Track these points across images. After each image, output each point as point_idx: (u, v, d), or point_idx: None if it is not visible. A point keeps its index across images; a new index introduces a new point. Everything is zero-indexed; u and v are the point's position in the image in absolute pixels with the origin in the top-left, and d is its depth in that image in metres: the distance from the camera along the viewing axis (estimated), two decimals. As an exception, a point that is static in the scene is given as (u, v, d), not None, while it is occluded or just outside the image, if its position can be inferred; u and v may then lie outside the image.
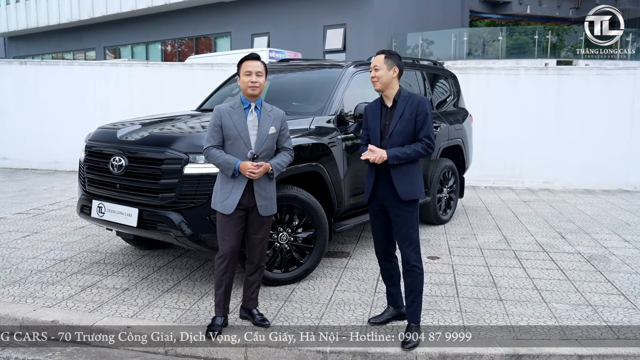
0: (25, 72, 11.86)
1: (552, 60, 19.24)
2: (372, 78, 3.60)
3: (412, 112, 3.55)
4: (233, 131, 3.55)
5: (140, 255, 5.42)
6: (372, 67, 3.60)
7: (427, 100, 3.62)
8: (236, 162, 3.50)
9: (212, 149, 3.56)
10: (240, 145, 3.55)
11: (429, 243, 6.00)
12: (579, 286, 4.70)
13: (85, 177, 4.70)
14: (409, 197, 3.55)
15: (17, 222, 6.73)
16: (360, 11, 20.19)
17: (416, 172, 3.62)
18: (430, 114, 3.59)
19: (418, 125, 3.55)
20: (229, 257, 3.60)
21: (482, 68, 11.16)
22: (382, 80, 3.56)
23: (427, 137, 3.55)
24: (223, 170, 3.57)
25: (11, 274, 4.78)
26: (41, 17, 31.19)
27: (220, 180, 3.62)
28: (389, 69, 3.56)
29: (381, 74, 3.55)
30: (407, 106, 3.56)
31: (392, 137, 3.56)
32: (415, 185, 3.59)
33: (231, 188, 3.56)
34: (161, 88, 11.19)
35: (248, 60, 3.63)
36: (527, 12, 29.29)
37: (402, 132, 3.55)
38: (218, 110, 3.61)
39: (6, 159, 11.80)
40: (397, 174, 3.55)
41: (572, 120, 10.18)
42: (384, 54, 3.60)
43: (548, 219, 7.44)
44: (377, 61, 3.58)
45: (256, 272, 3.80)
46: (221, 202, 3.57)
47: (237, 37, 23.71)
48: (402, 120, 3.55)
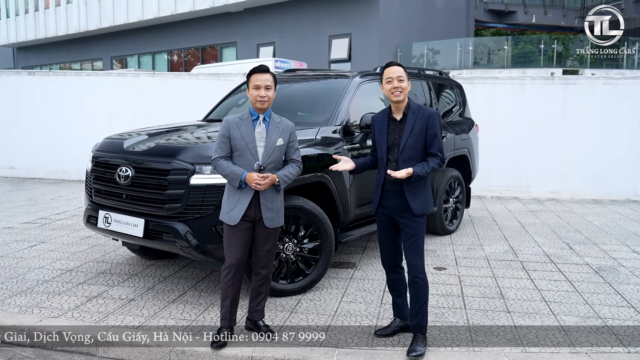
0: (33, 82, 11.95)
1: (558, 69, 19.23)
2: (396, 89, 3.51)
3: (422, 126, 3.52)
4: (241, 142, 3.55)
5: (146, 265, 5.42)
6: (395, 78, 3.51)
7: (437, 114, 3.60)
8: (242, 174, 3.50)
9: (219, 160, 3.57)
10: (248, 157, 3.55)
11: (435, 254, 5.97)
12: (588, 298, 4.65)
13: (92, 187, 4.71)
14: (421, 211, 3.56)
15: (24, 231, 6.74)
16: (365, 21, 20.27)
17: (427, 187, 3.63)
18: (440, 127, 3.57)
19: (429, 140, 3.53)
20: (235, 268, 3.59)
21: (487, 77, 11.15)
22: (407, 91, 3.55)
23: (440, 151, 3.56)
24: (230, 182, 3.57)
25: (18, 283, 4.78)
26: (49, 27, 31.50)
27: (227, 191, 3.63)
28: (408, 80, 3.57)
29: (405, 86, 3.53)
30: (417, 120, 3.54)
31: (404, 152, 3.53)
32: (428, 199, 3.60)
33: (237, 199, 3.56)
34: (167, 98, 11.23)
35: (257, 73, 3.60)
36: (532, 22, 29.33)
37: (414, 146, 3.53)
38: (227, 122, 3.62)
39: (14, 169, 11.86)
40: (410, 189, 3.54)
41: (578, 129, 10.14)
42: (400, 65, 3.58)
43: (555, 229, 7.39)
44: (400, 72, 3.53)
45: (263, 284, 3.79)
46: (227, 213, 3.58)
47: (242, 47, 23.84)
48: (412, 134, 3.52)
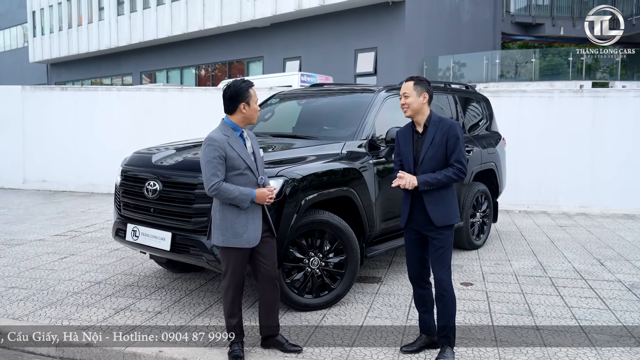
0: (65, 97, 12.26)
1: (587, 82, 18.93)
2: (403, 105, 3.61)
3: (442, 137, 3.54)
4: (239, 161, 3.43)
5: (172, 278, 5.47)
6: (401, 95, 3.60)
7: (457, 125, 3.61)
8: (252, 192, 3.41)
9: (222, 184, 3.38)
10: (249, 174, 3.47)
11: (462, 269, 5.89)
12: (621, 316, 4.53)
13: (121, 200, 4.79)
14: (442, 222, 3.54)
15: (55, 243, 6.89)
16: (391, 34, 20.30)
17: (450, 197, 3.60)
18: (461, 138, 3.57)
19: (449, 150, 3.54)
20: (240, 285, 3.58)
21: (515, 91, 11.04)
22: (413, 107, 3.58)
23: (458, 161, 3.53)
24: (238, 204, 3.41)
25: (48, 295, 4.88)
26: (82, 44, 32.40)
27: (227, 214, 3.46)
28: (419, 95, 3.57)
29: (411, 101, 3.57)
30: (437, 131, 3.55)
31: (423, 164, 3.55)
32: (449, 210, 3.57)
33: (246, 220, 3.45)
34: (195, 112, 11.38)
35: (253, 87, 3.53)
36: (560, 34, 28.94)
37: (434, 157, 3.54)
38: (218, 142, 3.40)
39: (46, 182, 12.15)
40: (429, 199, 3.55)
41: (609, 142, 9.94)
42: (413, 80, 3.61)
43: (586, 244, 7.24)
44: (406, 88, 3.59)
45: (276, 289, 3.68)
46: (239, 237, 3.44)
47: (269, 62, 24.11)
48: (432, 146, 3.54)
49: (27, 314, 4.41)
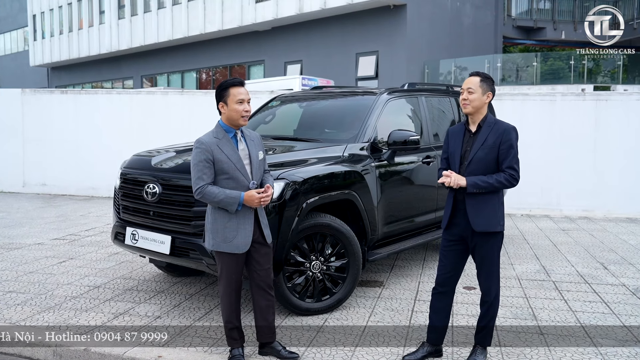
0: (65, 100, 12.22)
1: (588, 85, 18.89)
2: (464, 100, 3.41)
3: (496, 139, 3.36)
4: (228, 165, 3.33)
5: (172, 282, 5.42)
6: (464, 89, 3.42)
7: (513, 129, 3.39)
8: (240, 195, 3.30)
9: (207, 187, 3.29)
10: (239, 178, 3.35)
11: (465, 273, 5.83)
12: (626, 320, 4.47)
13: (120, 204, 4.74)
14: (482, 228, 3.37)
15: (54, 247, 6.84)
16: (392, 38, 20.30)
17: (495, 203, 3.42)
18: (516, 143, 3.40)
19: (501, 155, 3.35)
20: (236, 290, 3.52)
21: (516, 94, 10.99)
22: (474, 104, 3.39)
23: (511, 167, 3.35)
24: (225, 207, 3.32)
25: (46, 299, 4.82)
26: (82, 47, 32.45)
27: (217, 218, 3.40)
28: (483, 93, 3.41)
29: (474, 97, 3.38)
30: (491, 133, 3.38)
31: (471, 165, 3.39)
32: (491, 216, 3.40)
33: (237, 224, 3.37)
34: (196, 115, 11.35)
35: (236, 86, 3.39)
36: (561, 38, 28.96)
37: (483, 159, 3.37)
38: (205, 145, 3.32)
39: (45, 185, 12.10)
40: (472, 202, 3.37)
41: (612, 146, 9.89)
42: (480, 76, 3.43)
43: (589, 248, 7.18)
44: (471, 83, 3.41)
45: (269, 296, 3.60)
46: (229, 242, 3.37)
47: (270, 65, 24.12)
48: (484, 147, 3.37)
49: (24, 318, 4.36)
